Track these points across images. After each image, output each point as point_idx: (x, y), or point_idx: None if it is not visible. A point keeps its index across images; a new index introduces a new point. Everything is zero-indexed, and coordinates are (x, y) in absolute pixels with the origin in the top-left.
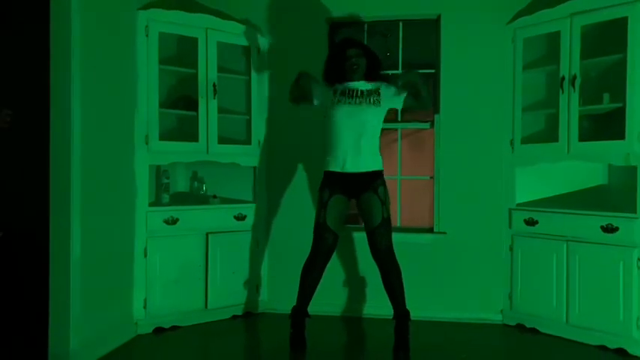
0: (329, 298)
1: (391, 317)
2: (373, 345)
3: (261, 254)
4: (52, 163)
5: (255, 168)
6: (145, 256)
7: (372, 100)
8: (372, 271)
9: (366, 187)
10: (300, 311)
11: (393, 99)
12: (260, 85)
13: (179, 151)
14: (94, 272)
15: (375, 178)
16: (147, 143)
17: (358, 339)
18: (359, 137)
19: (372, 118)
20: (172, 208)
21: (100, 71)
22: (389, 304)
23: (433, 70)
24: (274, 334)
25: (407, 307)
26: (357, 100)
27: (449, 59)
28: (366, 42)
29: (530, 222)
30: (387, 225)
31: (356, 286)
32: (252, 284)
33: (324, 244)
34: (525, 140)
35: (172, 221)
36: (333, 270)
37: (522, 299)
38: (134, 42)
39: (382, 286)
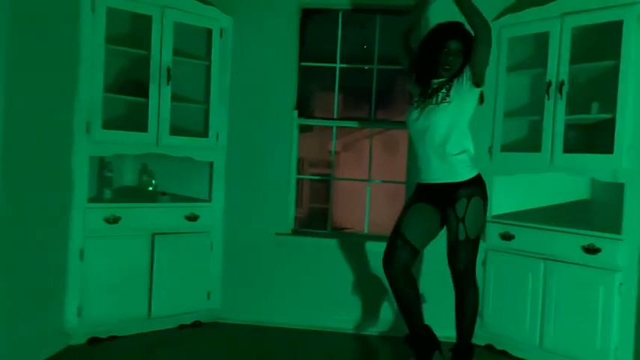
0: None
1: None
2: None
3: (215, 258)
4: None
5: (211, 163)
6: (82, 258)
7: (439, 97)
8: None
9: (448, 199)
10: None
11: (464, 92)
12: (221, 73)
13: (125, 141)
14: (15, 276)
15: (454, 190)
16: (88, 131)
17: None
18: (425, 144)
19: (440, 119)
20: (114, 206)
21: (31, 49)
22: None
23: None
24: (224, 346)
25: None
26: (427, 99)
27: None
28: (340, 33)
29: (507, 236)
30: (464, 246)
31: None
32: (203, 291)
33: (392, 254)
34: (505, 148)
35: (114, 220)
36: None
37: (493, 318)
38: (78, 17)
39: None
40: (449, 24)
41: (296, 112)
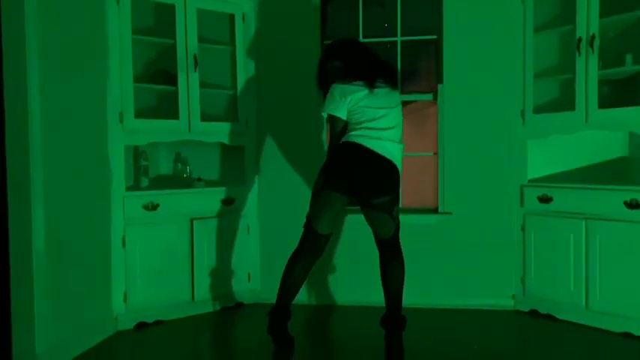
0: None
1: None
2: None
3: (252, 240)
4: (8, 144)
5: (243, 147)
6: (124, 245)
7: None
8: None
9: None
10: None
11: None
12: (246, 57)
13: (158, 129)
14: (63, 265)
15: None
16: (121, 121)
17: (354, 331)
18: None
19: None
20: (152, 193)
21: (62, 43)
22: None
23: (435, 36)
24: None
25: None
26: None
27: (452, 23)
28: (361, 13)
29: (545, 199)
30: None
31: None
32: (243, 273)
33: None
34: (538, 110)
35: (152, 207)
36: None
37: (536, 283)
38: (103, 10)
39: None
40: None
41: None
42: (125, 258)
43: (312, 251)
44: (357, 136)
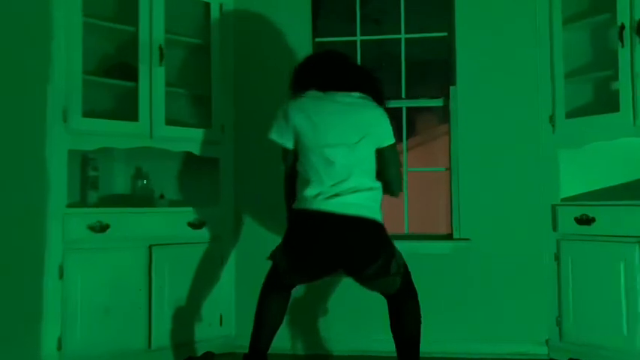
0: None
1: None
2: None
3: (227, 274)
4: None
5: (217, 160)
6: (61, 276)
7: None
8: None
9: None
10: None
11: None
12: (223, 54)
13: (112, 132)
14: None
15: None
16: (65, 120)
17: None
18: None
19: None
20: (101, 211)
21: None
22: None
23: (445, 34)
24: None
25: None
26: None
27: (465, 17)
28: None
29: (584, 220)
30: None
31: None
32: (214, 315)
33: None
34: (571, 115)
35: (101, 228)
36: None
37: (576, 325)
38: None
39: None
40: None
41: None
42: (62, 292)
43: (282, 289)
44: (304, 200)
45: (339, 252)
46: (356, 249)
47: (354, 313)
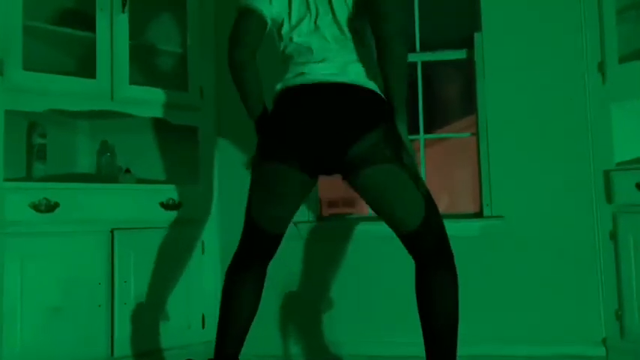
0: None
1: None
2: None
3: (209, 265)
4: None
5: (197, 129)
6: None
7: None
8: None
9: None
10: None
11: None
12: (202, 7)
13: (63, 90)
14: None
15: None
16: (1, 74)
17: None
18: None
19: None
20: (49, 186)
21: None
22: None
23: None
24: None
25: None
26: None
27: None
28: None
29: None
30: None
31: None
32: (195, 315)
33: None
34: (625, 59)
35: (47, 207)
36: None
37: None
38: None
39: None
40: None
41: None
42: (1, 288)
43: (255, 263)
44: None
45: (318, 117)
46: (336, 113)
47: (361, 311)
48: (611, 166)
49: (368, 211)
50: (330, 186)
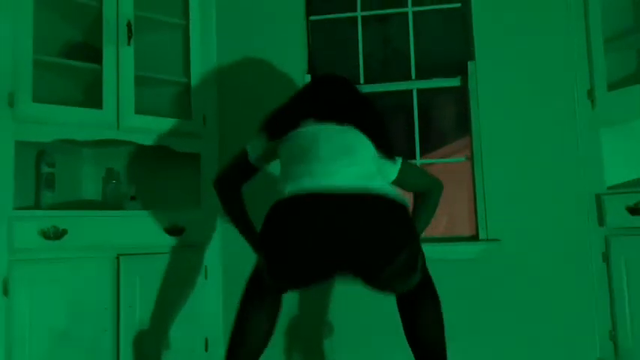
0: None
1: None
2: None
3: (212, 289)
4: None
5: (199, 156)
6: (6, 293)
7: None
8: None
9: None
10: None
11: None
12: (204, 35)
13: (71, 121)
14: None
15: None
16: (11, 105)
17: None
18: None
19: None
20: (57, 214)
21: None
22: None
23: (459, 4)
24: None
25: None
26: None
27: None
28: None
29: (638, 210)
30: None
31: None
32: (198, 338)
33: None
34: (613, 87)
35: (56, 234)
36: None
37: (636, 339)
38: None
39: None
40: None
41: (309, 77)
42: (8, 313)
43: (269, 292)
44: (289, 185)
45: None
46: (361, 234)
47: (362, 335)
48: (602, 189)
49: None
50: None
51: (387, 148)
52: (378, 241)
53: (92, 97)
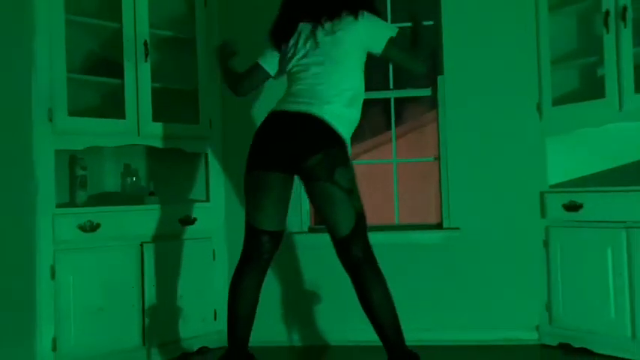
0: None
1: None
2: None
3: (219, 269)
4: None
5: (206, 155)
6: (53, 277)
7: None
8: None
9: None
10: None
11: None
12: (209, 47)
13: (99, 131)
14: None
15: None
16: (51, 120)
17: None
18: None
19: None
20: (91, 210)
21: None
22: None
23: (431, 22)
24: None
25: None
26: None
27: (451, 4)
28: None
29: (572, 207)
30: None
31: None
32: (208, 310)
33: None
34: (557, 102)
35: (91, 227)
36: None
37: (566, 310)
38: None
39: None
40: None
41: None
42: (55, 293)
43: (256, 258)
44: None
45: (284, 136)
46: (295, 135)
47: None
48: (545, 188)
49: None
50: None
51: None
52: (304, 141)
53: (115, 108)
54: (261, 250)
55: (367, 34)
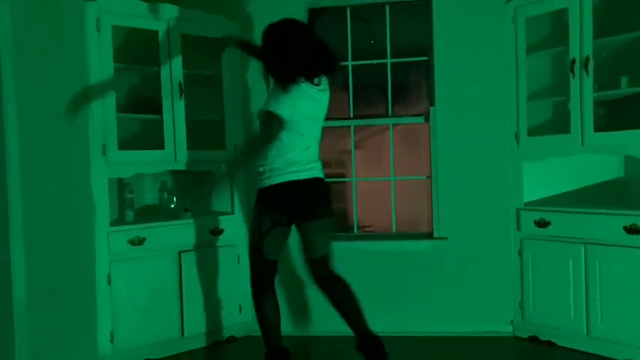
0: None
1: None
2: None
3: (243, 271)
4: None
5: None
6: (109, 283)
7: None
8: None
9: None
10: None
11: None
12: (233, 82)
13: (143, 160)
14: (46, 311)
15: None
16: (104, 154)
17: None
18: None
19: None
20: (138, 227)
21: (40, 74)
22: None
23: (425, 58)
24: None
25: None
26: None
27: (443, 44)
28: (349, 30)
29: (542, 223)
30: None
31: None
32: (234, 305)
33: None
34: (532, 132)
35: (139, 241)
36: None
37: (535, 309)
38: (83, 38)
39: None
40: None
41: None
42: (111, 296)
43: (270, 278)
44: (287, 174)
45: (308, 196)
46: (316, 194)
47: None
48: (521, 205)
49: None
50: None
51: None
52: (319, 196)
53: (154, 139)
54: (274, 272)
55: None
